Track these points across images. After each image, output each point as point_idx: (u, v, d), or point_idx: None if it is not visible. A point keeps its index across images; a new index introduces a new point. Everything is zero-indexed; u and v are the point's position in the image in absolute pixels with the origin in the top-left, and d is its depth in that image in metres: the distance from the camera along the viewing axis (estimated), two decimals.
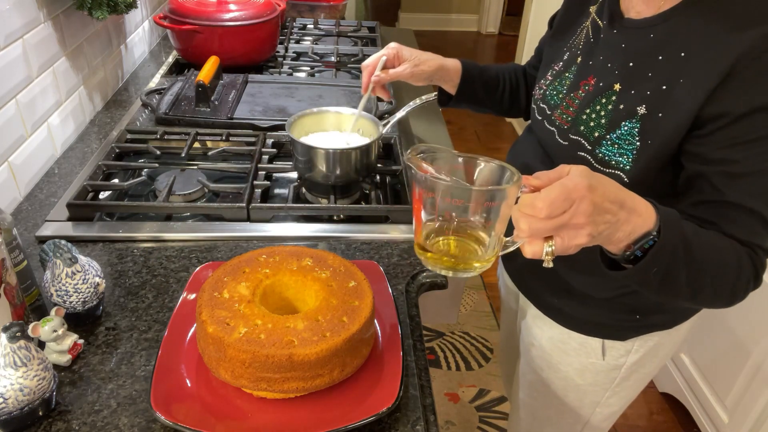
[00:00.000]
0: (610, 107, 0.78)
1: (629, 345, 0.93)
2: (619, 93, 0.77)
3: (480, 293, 2.40)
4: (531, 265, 0.95)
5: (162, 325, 0.82)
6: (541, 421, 1.10)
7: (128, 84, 1.56)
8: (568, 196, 0.55)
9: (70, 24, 1.24)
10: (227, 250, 0.97)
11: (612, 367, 0.96)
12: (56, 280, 0.77)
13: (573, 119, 0.83)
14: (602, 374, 0.97)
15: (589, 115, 0.80)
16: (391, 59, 1.04)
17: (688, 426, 1.84)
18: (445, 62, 1.05)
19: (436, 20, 5.36)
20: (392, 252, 0.98)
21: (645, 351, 0.94)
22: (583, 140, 0.81)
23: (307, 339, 0.66)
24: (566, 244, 0.57)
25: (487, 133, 3.68)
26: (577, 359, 0.97)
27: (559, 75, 0.89)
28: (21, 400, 0.65)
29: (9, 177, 1.04)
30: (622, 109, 0.76)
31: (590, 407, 1.02)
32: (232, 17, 1.53)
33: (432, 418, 0.72)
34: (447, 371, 2.04)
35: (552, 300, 0.96)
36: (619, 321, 0.91)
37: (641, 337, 0.92)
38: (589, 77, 0.82)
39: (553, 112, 0.87)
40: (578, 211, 0.55)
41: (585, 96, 0.82)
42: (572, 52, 0.87)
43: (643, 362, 0.96)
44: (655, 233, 0.62)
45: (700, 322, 1.72)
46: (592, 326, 0.93)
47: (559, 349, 0.99)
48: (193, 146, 1.23)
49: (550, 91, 0.89)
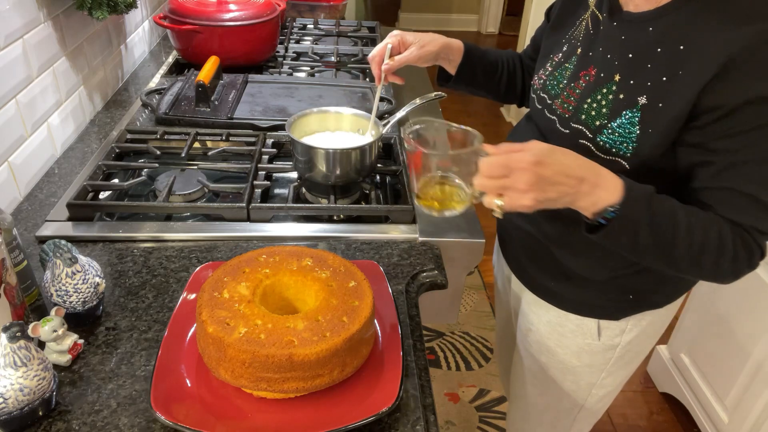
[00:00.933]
0: (610, 97, 0.80)
1: (623, 324, 0.97)
2: (619, 83, 0.80)
3: (480, 293, 2.40)
4: (527, 250, 1.01)
5: (162, 325, 0.82)
6: (540, 409, 1.13)
7: (128, 84, 1.56)
8: (507, 165, 0.69)
9: (70, 24, 1.24)
10: (227, 250, 0.97)
11: (607, 347, 0.99)
12: (56, 280, 0.77)
13: (574, 108, 0.85)
14: (598, 355, 1.00)
15: (591, 105, 0.83)
16: (396, 46, 1.05)
17: (688, 426, 1.85)
18: (450, 41, 1.07)
19: (436, 20, 5.36)
20: (392, 252, 0.98)
21: (639, 330, 0.98)
22: (584, 128, 0.83)
23: (307, 339, 0.66)
24: (512, 203, 0.70)
25: (487, 132, 3.61)
26: (573, 341, 1.00)
27: (558, 66, 0.91)
28: (21, 400, 0.65)
29: (9, 177, 1.04)
30: (623, 98, 0.79)
31: (586, 389, 1.05)
32: (232, 17, 1.53)
33: (432, 418, 0.72)
34: (447, 371, 2.04)
35: (548, 284, 0.99)
36: (614, 302, 0.94)
37: (635, 316, 0.96)
38: (590, 68, 0.84)
39: (553, 102, 0.90)
40: (519, 179, 0.68)
41: (586, 86, 0.84)
42: (572, 44, 0.90)
43: (637, 341, 0.99)
44: (618, 206, 0.71)
45: (701, 321, 1.73)
46: (587, 307, 0.97)
47: (556, 332, 1.01)
48: (193, 146, 1.23)
49: (550, 81, 0.92)
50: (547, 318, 1.02)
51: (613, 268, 0.90)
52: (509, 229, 1.05)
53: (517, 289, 1.12)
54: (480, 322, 2.25)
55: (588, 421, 1.13)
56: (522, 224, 0.98)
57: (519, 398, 1.17)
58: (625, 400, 1.96)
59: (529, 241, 0.99)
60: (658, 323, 0.99)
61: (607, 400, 1.10)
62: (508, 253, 1.09)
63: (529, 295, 1.05)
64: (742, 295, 1.56)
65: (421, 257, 0.97)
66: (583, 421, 1.12)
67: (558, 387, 1.06)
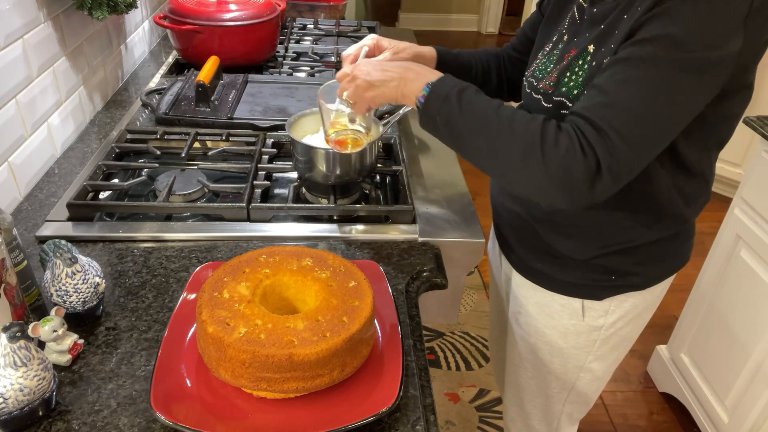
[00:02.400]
0: (585, 66, 0.83)
1: (606, 305, 0.99)
2: (593, 53, 0.82)
3: (480, 293, 2.40)
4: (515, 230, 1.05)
5: (162, 325, 0.82)
6: (531, 393, 1.15)
7: (128, 84, 1.57)
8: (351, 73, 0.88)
9: (70, 24, 1.24)
10: (227, 250, 0.97)
11: (592, 329, 1.02)
12: (56, 280, 0.77)
13: (555, 83, 0.88)
14: (583, 335, 1.03)
15: (570, 77, 0.85)
16: (372, 50, 1.06)
17: (688, 426, 1.85)
18: (421, 50, 1.09)
19: (436, 20, 5.36)
20: (392, 252, 0.98)
21: (621, 312, 1.00)
22: (565, 100, 0.86)
23: (307, 339, 0.66)
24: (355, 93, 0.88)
25: None
26: (560, 321, 1.03)
27: (548, 54, 0.94)
28: (21, 400, 0.65)
29: (9, 177, 1.04)
30: (595, 65, 0.81)
31: (574, 372, 1.08)
32: (232, 17, 1.53)
33: (432, 418, 0.72)
34: (447, 371, 2.04)
35: (535, 264, 1.02)
36: (596, 281, 0.97)
37: (617, 297, 0.99)
38: (572, 49, 0.87)
39: (539, 83, 0.93)
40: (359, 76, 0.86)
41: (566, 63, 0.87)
42: (560, 33, 0.93)
43: (620, 324, 1.02)
44: (431, 83, 0.82)
45: (701, 321, 1.73)
46: (571, 287, 0.99)
47: (544, 313, 1.04)
48: (193, 146, 1.23)
49: (538, 67, 0.95)
50: (535, 299, 1.05)
51: (595, 247, 0.94)
52: (500, 211, 1.08)
53: (509, 272, 1.15)
54: (480, 322, 2.25)
55: (579, 407, 1.16)
56: (511, 205, 1.02)
57: (512, 384, 1.19)
58: (625, 400, 1.96)
59: (517, 222, 1.02)
60: (641, 306, 1.01)
61: (597, 386, 1.13)
62: (500, 236, 1.12)
63: (517, 277, 1.08)
64: (742, 295, 1.56)
65: (421, 257, 0.97)
66: (574, 407, 1.15)
67: (547, 369, 1.09)
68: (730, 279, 1.61)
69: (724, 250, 1.63)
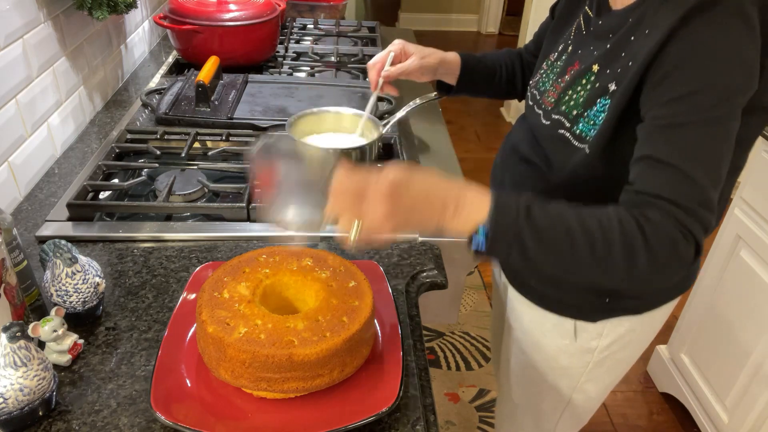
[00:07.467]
0: (588, 86, 0.81)
1: (600, 328, 0.96)
2: (597, 73, 0.81)
3: (480, 293, 2.40)
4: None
5: (162, 325, 0.82)
6: (523, 408, 1.14)
7: (128, 84, 1.56)
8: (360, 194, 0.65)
9: (70, 24, 1.24)
10: (227, 250, 0.97)
11: (584, 350, 0.99)
12: (56, 280, 0.77)
13: (556, 100, 0.87)
14: (576, 357, 1.00)
15: (571, 96, 0.84)
16: (398, 55, 1.06)
17: (688, 426, 1.85)
18: (446, 56, 1.09)
19: (436, 20, 5.35)
20: (392, 252, 0.98)
21: (616, 336, 0.97)
22: (563, 119, 0.84)
23: (307, 339, 0.66)
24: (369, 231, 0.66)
25: (487, 132, 3.69)
26: (552, 341, 1.00)
27: (552, 65, 0.93)
28: (21, 400, 0.65)
29: (9, 177, 1.04)
30: (598, 87, 0.80)
31: (567, 391, 1.05)
32: (232, 17, 1.53)
33: (432, 418, 0.72)
34: (447, 371, 2.04)
35: (529, 280, 1.00)
36: (590, 302, 0.94)
37: (611, 320, 0.95)
38: (575, 63, 0.86)
39: (542, 97, 0.92)
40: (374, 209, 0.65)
41: (569, 79, 0.86)
42: (565, 44, 0.92)
43: (615, 348, 0.98)
44: (487, 221, 0.66)
45: (701, 321, 1.73)
46: (564, 306, 0.97)
47: (537, 331, 1.02)
48: (193, 146, 1.23)
49: (542, 79, 0.94)
50: (530, 315, 1.03)
51: None
52: None
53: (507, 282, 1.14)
54: (480, 322, 2.25)
55: (572, 426, 1.13)
56: None
57: (504, 396, 1.18)
58: (625, 400, 1.96)
59: None
60: (638, 332, 0.97)
61: (591, 406, 1.10)
62: None
63: (513, 292, 1.06)
64: (742, 295, 1.56)
65: (421, 257, 0.97)
66: (568, 426, 1.12)
67: (539, 388, 1.07)
68: (730, 279, 1.61)
69: (724, 250, 1.63)
